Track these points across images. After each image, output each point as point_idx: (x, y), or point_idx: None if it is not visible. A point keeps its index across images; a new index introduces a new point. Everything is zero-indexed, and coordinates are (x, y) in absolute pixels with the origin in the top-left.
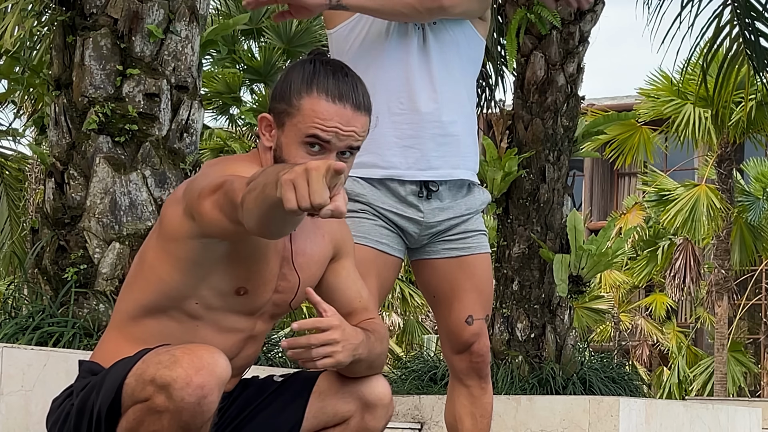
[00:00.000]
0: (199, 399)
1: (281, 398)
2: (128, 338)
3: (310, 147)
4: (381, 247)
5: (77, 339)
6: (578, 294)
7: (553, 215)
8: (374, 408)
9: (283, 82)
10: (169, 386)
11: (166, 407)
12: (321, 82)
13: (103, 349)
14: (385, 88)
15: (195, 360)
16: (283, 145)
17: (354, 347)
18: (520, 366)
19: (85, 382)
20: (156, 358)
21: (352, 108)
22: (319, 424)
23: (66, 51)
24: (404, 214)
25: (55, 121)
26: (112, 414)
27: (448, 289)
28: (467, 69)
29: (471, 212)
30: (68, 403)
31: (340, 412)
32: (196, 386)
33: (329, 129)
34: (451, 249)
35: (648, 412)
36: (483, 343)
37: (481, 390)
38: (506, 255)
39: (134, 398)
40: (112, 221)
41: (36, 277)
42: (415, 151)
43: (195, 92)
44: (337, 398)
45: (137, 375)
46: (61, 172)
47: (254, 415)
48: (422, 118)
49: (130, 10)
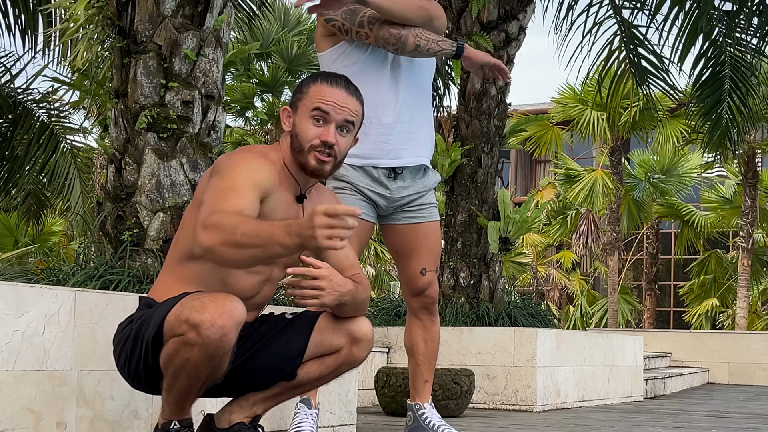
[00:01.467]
0: (221, 336)
1: (290, 331)
2: (176, 279)
3: (316, 121)
4: (360, 216)
5: (131, 285)
6: (506, 251)
7: (487, 192)
8: (360, 342)
9: (298, 85)
10: (199, 326)
11: (196, 341)
12: (323, 77)
13: (158, 288)
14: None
15: (219, 306)
16: (296, 122)
17: (340, 294)
18: (462, 305)
19: (141, 314)
20: (190, 303)
21: (345, 91)
22: (317, 353)
23: (123, 69)
24: (376, 191)
25: (115, 121)
26: (156, 343)
27: (408, 248)
28: (426, 82)
29: (426, 189)
30: (129, 329)
31: (334, 344)
32: (219, 327)
33: (328, 102)
34: (410, 217)
35: (558, 339)
36: (433, 288)
37: (431, 322)
38: (452, 222)
39: (173, 332)
40: (157, 196)
41: (100, 238)
42: (386, 145)
43: (219, 100)
44: (332, 333)
45: (176, 315)
46: (119, 160)
47: (269, 343)
48: (388, 127)
49: (171, 39)
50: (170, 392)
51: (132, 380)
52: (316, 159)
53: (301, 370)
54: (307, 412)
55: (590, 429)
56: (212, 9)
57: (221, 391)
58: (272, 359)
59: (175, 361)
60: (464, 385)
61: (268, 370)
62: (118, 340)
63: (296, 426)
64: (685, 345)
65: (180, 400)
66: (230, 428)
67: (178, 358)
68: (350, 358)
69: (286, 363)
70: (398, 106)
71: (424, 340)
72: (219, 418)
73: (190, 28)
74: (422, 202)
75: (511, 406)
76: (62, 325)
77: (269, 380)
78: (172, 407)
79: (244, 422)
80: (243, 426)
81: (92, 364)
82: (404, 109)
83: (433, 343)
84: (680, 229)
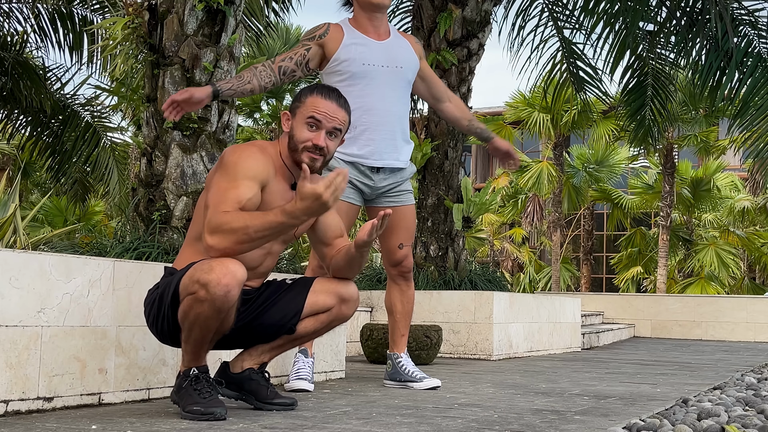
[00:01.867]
0: (225, 293)
1: (290, 293)
2: (195, 252)
3: (310, 126)
4: (348, 200)
5: (160, 256)
6: (468, 228)
7: (452, 179)
8: (348, 302)
9: (297, 94)
10: (207, 284)
11: (205, 297)
12: (319, 90)
13: (180, 259)
14: (354, 108)
15: (223, 268)
16: (294, 125)
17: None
18: (432, 272)
19: (165, 280)
20: (200, 266)
21: (336, 104)
22: (313, 311)
23: (153, 79)
24: (362, 181)
25: (147, 122)
26: (174, 301)
27: (388, 227)
28: (408, 92)
29: (403, 180)
30: (156, 293)
31: (327, 304)
32: (224, 285)
33: (321, 113)
34: (390, 201)
35: (510, 301)
36: (409, 260)
37: (407, 287)
38: (424, 204)
39: (187, 291)
40: (182, 183)
41: (134, 218)
42: (371, 147)
43: (232, 104)
44: (325, 295)
45: (189, 276)
46: (150, 153)
47: (273, 304)
48: (375, 131)
49: (193, 54)
50: (187, 342)
51: (159, 336)
52: (309, 157)
53: (300, 325)
54: (305, 360)
55: (537, 374)
56: (227, 29)
57: (234, 343)
58: (276, 317)
59: (189, 315)
60: (434, 339)
61: (273, 326)
62: (148, 303)
63: (296, 372)
64: (615, 305)
65: (196, 349)
66: (242, 372)
67: (191, 312)
68: (340, 315)
69: (287, 320)
70: (384, 114)
71: (401, 301)
72: (233, 365)
73: (208, 45)
74: (400, 189)
75: (472, 356)
76: (103, 288)
77: (274, 334)
78: (190, 355)
79: (253, 368)
80: (253, 371)
81: (128, 321)
82: (390, 117)
83: (408, 304)
84: (611, 210)
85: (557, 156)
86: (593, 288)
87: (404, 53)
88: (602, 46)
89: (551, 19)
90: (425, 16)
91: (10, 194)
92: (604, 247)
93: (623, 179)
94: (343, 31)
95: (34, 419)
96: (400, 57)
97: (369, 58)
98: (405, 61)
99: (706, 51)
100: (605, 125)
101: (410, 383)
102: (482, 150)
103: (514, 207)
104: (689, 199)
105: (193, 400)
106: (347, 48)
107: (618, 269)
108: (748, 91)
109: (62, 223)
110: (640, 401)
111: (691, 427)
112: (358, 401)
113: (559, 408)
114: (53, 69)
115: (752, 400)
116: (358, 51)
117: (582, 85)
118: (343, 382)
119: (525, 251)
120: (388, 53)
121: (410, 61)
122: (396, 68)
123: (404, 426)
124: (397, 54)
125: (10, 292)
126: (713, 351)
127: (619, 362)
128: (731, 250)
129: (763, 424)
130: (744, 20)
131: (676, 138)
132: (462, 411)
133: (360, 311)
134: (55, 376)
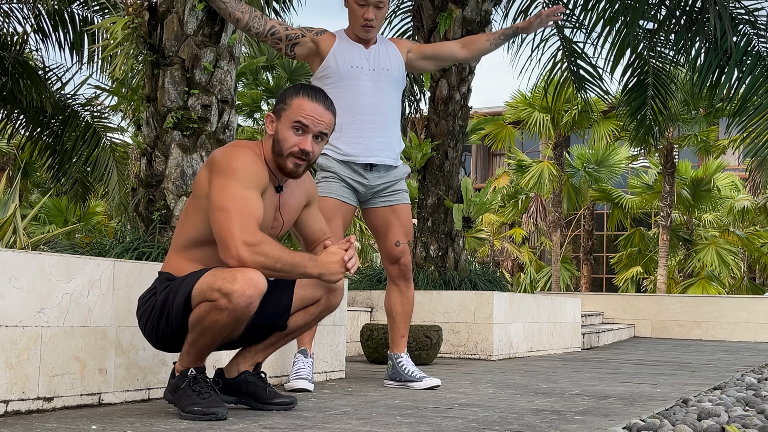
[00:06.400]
0: (248, 304)
1: (276, 290)
2: (184, 259)
3: (296, 130)
4: (343, 199)
5: (160, 256)
6: (468, 228)
7: (452, 179)
8: (334, 291)
9: (282, 94)
10: (231, 294)
11: (226, 307)
12: (305, 91)
13: (170, 265)
14: (344, 109)
15: (247, 279)
16: (279, 129)
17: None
18: (432, 273)
19: (165, 285)
20: (221, 275)
21: (323, 107)
22: (302, 304)
23: (153, 78)
24: (356, 180)
25: (147, 122)
26: (186, 306)
27: (384, 225)
28: (398, 92)
29: (397, 179)
30: (153, 299)
31: (315, 296)
32: (248, 296)
33: (308, 117)
34: (385, 201)
35: (511, 300)
36: (407, 257)
37: (406, 287)
38: (424, 204)
39: (204, 298)
40: (182, 183)
41: (134, 218)
42: (362, 145)
43: (232, 104)
44: (312, 287)
45: (208, 283)
46: (150, 153)
47: (261, 303)
48: (365, 129)
49: (193, 54)
50: (194, 345)
51: (157, 342)
52: (294, 163)
53: (291, 320)
54: (305, 360)
55: (537, 374)
56: (227, 29)
57: (229, 345)
58: (266, 316)
59: (204, 321)
60: (434, 339)
61: (265, 325)
62: (143, 311)
63: (295, 372)
64: (615, 305)
65: (201, 353)
66: (238, 376)
67: (207, 319)
68: (328, 305)
69: (278, 317)
70: (373, 113)
71: (401, 302)
72: (228, 370)
73: (208, 44)
74: (395, 189)
75: (472, 356)
76: (103, 288)
77: (266, 333)
78: (192, 357)
79: (248, 370)
80: (248, 374)
81: (128, 321)
82: (379, 117)
83: (408, 305)
84: (611, 210)
85: (557, 156)
86: (593, 288)
87: (390, 56)
88: (603, 45)
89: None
90: (425, 16)
91: (10, 194)
92: (604, 247)
93: (623, 179)
94: (335, 37)
95: (34, 419)
96: (385, 60)
97: (357, 61)
98: (391, 63)
99: (706, 49)
100: (605, 125)
101: (410, 383)
102: (482, 150)
103: (514, 207)
104: (689, 199)
105: (192, 400)
106: (336, 52)
107: (618, 269)
108: (747, 90)
109: (62, 223)
110: (640, 401)
111: (691, 427)
112: (358, 401)
113: (559, 408)
114: (53, 69)
115: (752, 400)
116: (346, 55)
117: (582, 83)
118: (343, 382)
119: (525, 251)
120: (376, 57)
121: (396, 61)
122: (383, 70)
123: (404, 426)
124: (383, 57)
125: (10, 292)
126: (713, 351)
127: (619, 362)
128: (731, 249)
129: (764, 424)
130: (743, 19)
131: (676, 138)
132: (462, 411)
133: (360, 311)
134: (55, 376)
